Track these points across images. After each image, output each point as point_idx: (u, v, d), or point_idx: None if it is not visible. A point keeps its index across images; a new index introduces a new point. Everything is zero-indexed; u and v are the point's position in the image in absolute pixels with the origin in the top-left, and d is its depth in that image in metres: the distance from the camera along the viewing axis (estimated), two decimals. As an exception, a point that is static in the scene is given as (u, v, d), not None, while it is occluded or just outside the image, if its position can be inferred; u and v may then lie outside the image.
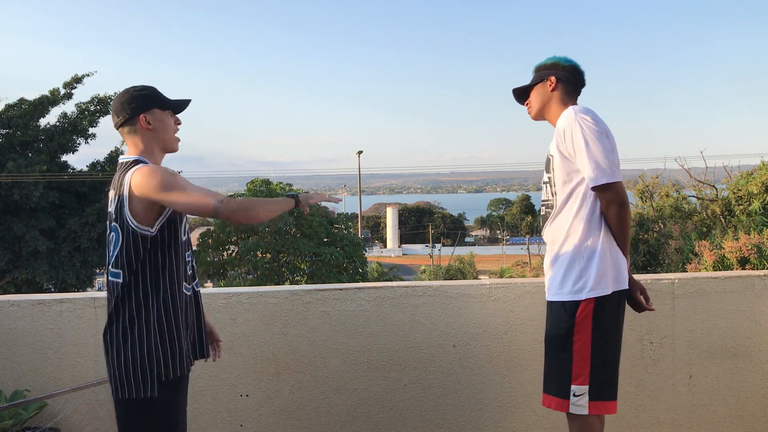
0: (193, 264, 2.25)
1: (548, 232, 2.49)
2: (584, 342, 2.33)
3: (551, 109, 2.54)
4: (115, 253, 2.06)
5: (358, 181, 38.09)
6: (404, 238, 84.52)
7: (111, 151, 18.80)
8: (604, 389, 2.34)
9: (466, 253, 46.24)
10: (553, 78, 2.52)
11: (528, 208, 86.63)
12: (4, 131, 17.28)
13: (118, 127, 2.14)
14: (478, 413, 3.12)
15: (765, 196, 8.39)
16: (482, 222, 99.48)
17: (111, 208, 2.10)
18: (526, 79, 2.61)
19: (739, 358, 3.16)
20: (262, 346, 3.08)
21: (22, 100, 17.21)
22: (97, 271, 19.28)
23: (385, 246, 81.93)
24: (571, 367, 2.34)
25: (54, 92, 17.62)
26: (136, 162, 2.08)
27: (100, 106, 18.23)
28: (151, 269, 2.05)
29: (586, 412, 2.32)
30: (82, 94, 18.53)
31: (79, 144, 18.34)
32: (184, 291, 2.14)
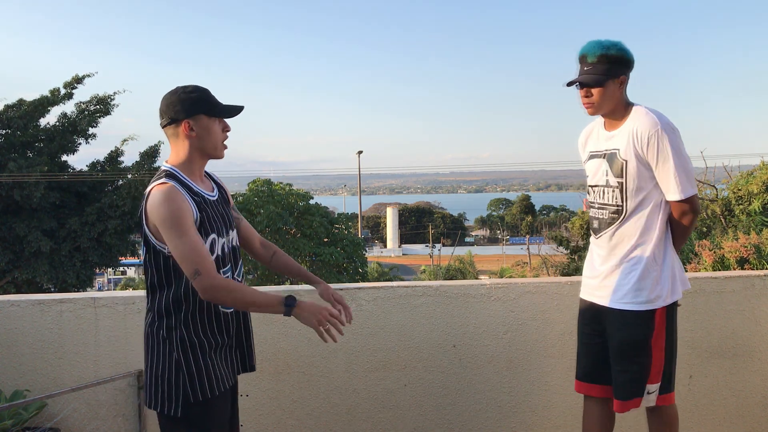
0: (236, 278, 2.14)
1: (612, 237, 2.43)
2: (661, 345, 2.39)
3: (618, 108, 2.42)
4: (143, 263, 2.02)
5: (358, 181, 38.10)
6: (404, 238, 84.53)
7: (111, 151, 18.82)
8: (670, 383, 2.45)
9: (466, 253, 46.26)
10: (624, 78, 2.39)
11: (528, 208, 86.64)
12: (4, 132, 17.28)
13: (162, 127, 2.06)
14: (478, 413, 3.12)
15: (765, 196, 8.39)
16: (482, 222, 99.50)
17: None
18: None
19: (739, 358, 3.16)
20: (262, 346, 3.08)
21: (21, 101, 17.21)
22: (97, 271, 19.29)
23: (385, 246, 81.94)
24: (649, 369, 2.39)
25: (54, 92, 17.63)
26: (163, 174, 2.00)
27: (100, 106, 18.24)
28: (173, 285, 1.97)
29: (653, 404, 2.43)
30: (83, 95, 18.58)
31: (79, 144, 18.35)
32: (222, 309, 2.05)
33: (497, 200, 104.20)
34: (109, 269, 20.63)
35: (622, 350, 2.41)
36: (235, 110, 2.10)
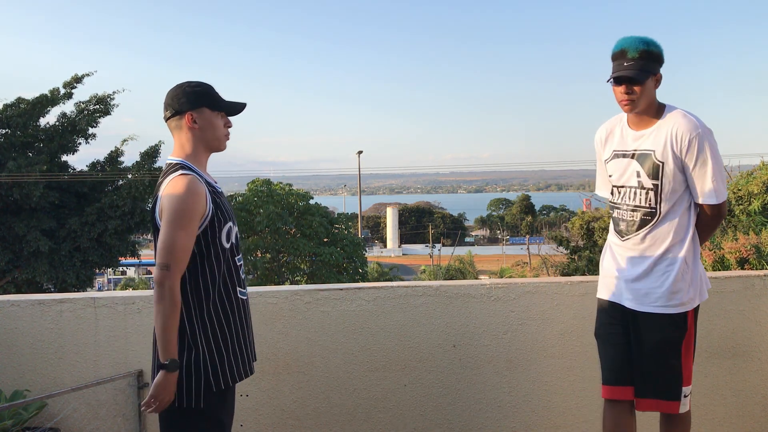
0: (239, 264, 2.16)
1: (644, 239, 2.37)
2: (690, 346, 2.39)
3: (652, 107, 2.36)
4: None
5: (358, 181, 38.10)
6: (404, 238, 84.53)
7: (111, 151, 18.81)
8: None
9: (466, 253, 46.26)
10: (660, 76, 2.34)
11: (528, 208, 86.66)
12: (3, 131, 17.27)
13: (165, 120, 2.10)
14: (478, 413, 3.12)
15: (765, 196, 8.39)
16: (482, 222, 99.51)
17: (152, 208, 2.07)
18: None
19: (739, 358, 3.16)
20: (262, 346, 3.08)
21: (20, 100, 17.19)
22: (97, 271, 19.28)
23: (385, 246, 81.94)
24: (682, 371, 2.37)
25: (54, 92, 17.61)
26: (178, 167, 2.03)
27: (99, 105, 18.22)
28: (192, 279, 1.99)
29: (688, 408, 2.42)
30: (82, 94, 18.57)
31: (79, 144, 18.34)
32: (239, 296, 2.09)
33: (497, 200, 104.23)
34: (109, 269, 20.61)
35: (657, 353, 2.36)
36: (238, 107, 2.16)
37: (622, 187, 2.44)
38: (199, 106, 2.06)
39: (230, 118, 2.16)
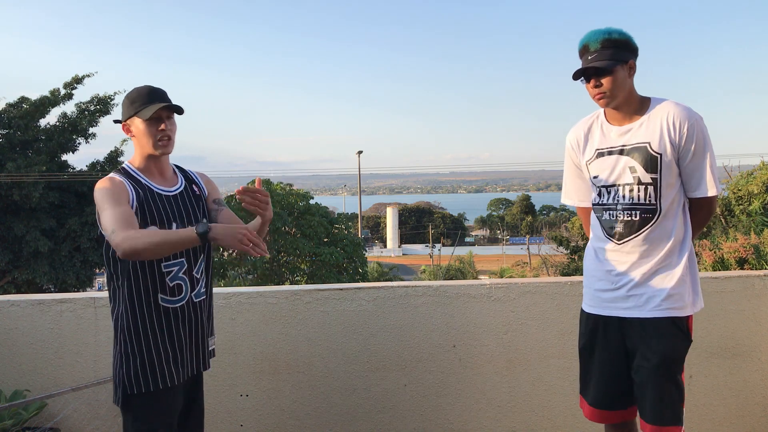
0: (193, 274, 2.13)
1: (644, 241, 2.19)
2: (685, 357, 2.21)
3: (632, 99, 2.21)
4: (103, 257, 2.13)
5: (358, 181, 38.11)
6: (404, 238, 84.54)
7: (111, 151, 18.80)
8: None
9: (466, 253, 46.26)
10: (633, 63, 2.18)
11: (528, 208, 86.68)
12: (4, 131, 17.27)
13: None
14: (478, 413, 3.12)
15: (765, 196, 8.39)
16: (482, 222, 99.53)
17: None
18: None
19: (739, 358, 3.16)
20: (262, 346, 3.08)
21: (23, 99, 17.20)
22: (97, 271, 19.27)
23: (385, 246, 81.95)
24: (683, 388, 2.18)
25: (54, 92, 17.61)
26: (115, 169, 2.15)
27: (100, 106, 18.22)
28: (118, 277, 2.06)
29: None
30: (83, 95, 18.54)
31: (79, 144, 18.33)
32: (162, 303, 2.06)
33: (497, 200, 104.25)
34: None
35: (664, 366, 2.13)
36: (151, 111, 2.07)
37: (614, 186, 2.24)
38: (130, 115, 2.12)
39: (178, 117, 2.18)
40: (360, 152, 37.48)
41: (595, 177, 2.30)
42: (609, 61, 2.12)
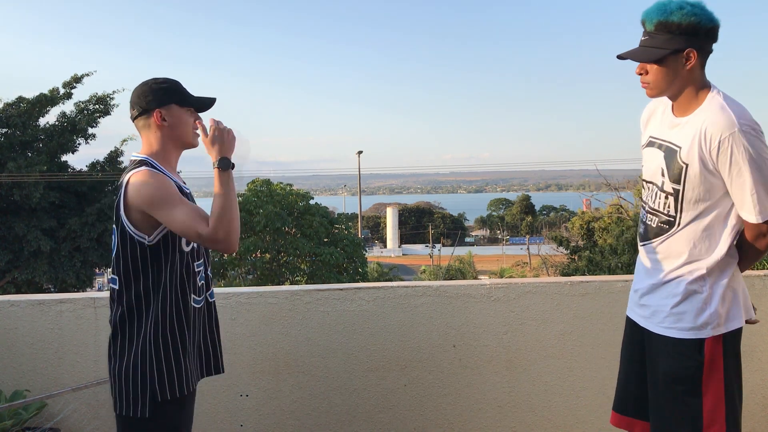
0: (207, 273, 2.12)
1: (659, 249, 2.03)
2: (715, 385, 1.93)
3: (685, 91, 1.93)
4: (112, 257, 1.98)
5: (358, 181, 38.12)
6: (404, 238, 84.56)
7: (111, 151, 18.82)
8: None
9: (466, 253, 46.27)
10: (693, 53, 1.86)
11: (528, 208, 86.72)
12: (3, 131, 17.28)
13: (133, 119, 2.05)
14: (478, 413, 3.12)
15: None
16: (482, 222, 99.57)
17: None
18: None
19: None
20: (262, 346, 3.08)
21: (20, 99, 17.19)
22: (97, 271, 19.28)
23: (385, 246, 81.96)
24: (702, 414, 1.93)
25: (53, 92, 17.61)
26: (140, 163, 1.98)
27: (99, 105, 18.22)
28: (148, 280, 1.93)
29: None
30: (82, 94, 18.54)
31: (78, 144, 18.34)
32: (193, 303, 2.01)
33: (497, 200, 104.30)
34: (109, 269, 20.62)
35: (667, 385, 1.99)
36: (207, 102, 2.10)
37: (649, 183, 2.07)
38: (167, 102, 2.01)
39: (202, 114, 2.11)
40: (360, 152, 37.49)
41: (642, 166, 2.13)
42: (657, 49, 1.87)
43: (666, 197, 1.98)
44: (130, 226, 1.93)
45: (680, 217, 1.96)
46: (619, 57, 1.97)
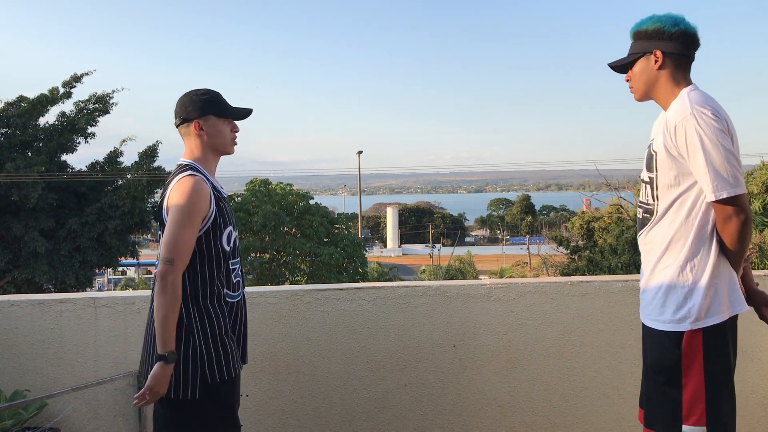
0: (242, 271, 2.29)
1: (645, 242, 2.13)
2: (695, 377, 1.99)
3: (660, 90, 2.09)
4: (158, 251, 2.11)
5: (358, 181, 38.10)
6: (404, 238, 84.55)
7: (110, 151, 18.80)
8: (725, 429, 2.00)
9: (466, 253, 46.29)
10: (658, 53, 2.06)
11: (528, 208, 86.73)
12: (3, 131, 17.27)
13: (176, 127, 2.23)
14: (478, 413, 3.12)
15: (765, 196, 8.39)
16: (482, 222, 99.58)
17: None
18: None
19: (739, 358, 3.15)
20: (262, 346, 3.08)
21: (21, 98, 17.18)
22: (97, 271, 19.26)
23: (385, 246, 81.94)
24: (681, 405, 2.00)
25: (53, 91, 17.59)
26: (187, 168, 2.15)
27: (99, 104, 18.20)
28: (190, 275, 2.08)
29: None
30: (82, 94, 18.54)
31: (78, 144, 18.32)
32: (228, 298, 2.18)
33: (497, 200, 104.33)
34: (109, 269, 20.62)
35: (651, 373, 2.10)
36: (243, 113, 2.27)
37: (641, 183, 2.21)
38: (205, 113, 2.18)
39: (237, 122, 2.28)
40: (360, 152, 37.47)
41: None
42: (630, 55, 2.13)
43: (645, 187, 2.13)
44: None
45: (657, 205, 2.07)
46: (609, 65, 2.22)
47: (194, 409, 2.08)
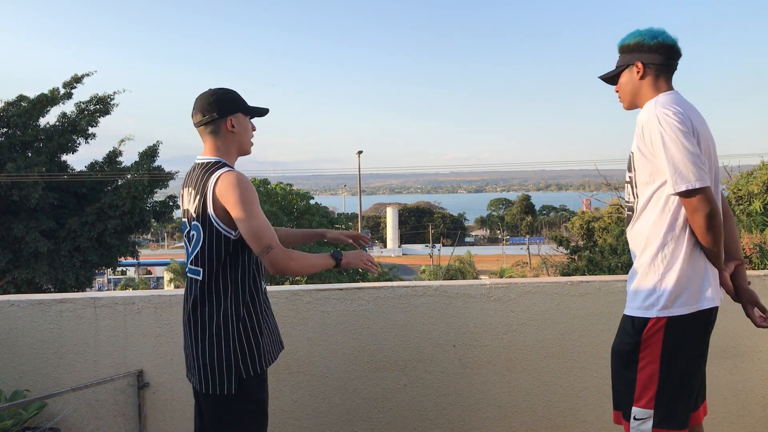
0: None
1: (630, 237, 2.24)
2: (650, 362, 2.10)
3: (643, 99, 2.23)
4: (196, 251, 2.13)
5: (358, 181, 38.08)
6: (404, 238, 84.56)
7: (110, 151, 18.80)
8: (672, 417, 2.09)
9: (466, 253, 46.26)
10: (639, 64, 2.21)
11: (528, 208, 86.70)
12: (3, 131, 17.27)
13: (199, 125, 2.21)
14: (478, 413, 3.12)
15: (765, 196, 8.38)
16: (482, 222, 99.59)
17: (190, 207, 2.17)
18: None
19: (739, 358, 3.16)
20: (262, 346, 3.08)
21: (21, 97, 17.18)
22: (97, 271, 19.24)
23: (385, 246, 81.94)
24: (634, 387, 2.12)
25: (53, 92, 17.60)
26: (219, 165, 2.15)
27: (99, 105, 18.21)
28: (232, 269, 2.12)
29: None
30: (82, 94, 18.54)
31: (78, 144, 18.33)
32: (262, 285, 2.24)
33: (497, 200, 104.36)
34: (109, 269, 20.61)
35: (612, 357, 2.24)
36: (264, 112, 2.33)
37: (625, 183, 2.34)
38: (235, 111, 2.21)
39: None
40: (360, 152, 37.46)
41: None
42: (615, 68, 2.29)
43: (627, 186, 2.26)
44: (218, 222, 2.09)
45: (637, 203, 2.19)
46: (599, 78, 2.37)
47: (231, 404, 2.12)
